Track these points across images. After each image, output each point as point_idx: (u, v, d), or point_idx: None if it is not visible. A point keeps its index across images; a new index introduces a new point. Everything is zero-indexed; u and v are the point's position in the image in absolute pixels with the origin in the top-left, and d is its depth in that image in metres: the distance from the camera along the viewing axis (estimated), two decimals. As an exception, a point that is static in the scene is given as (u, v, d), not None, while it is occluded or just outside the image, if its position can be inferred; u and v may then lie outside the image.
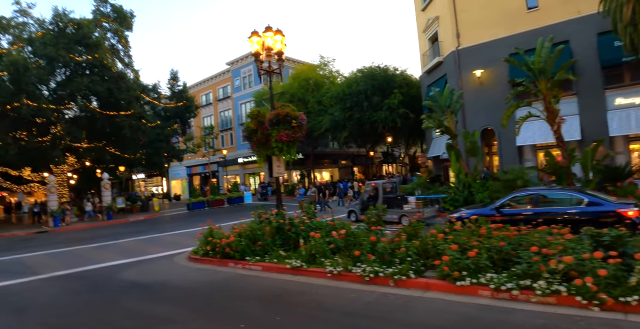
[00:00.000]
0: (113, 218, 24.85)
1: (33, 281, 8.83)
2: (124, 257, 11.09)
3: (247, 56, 38.80)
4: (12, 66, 20.40)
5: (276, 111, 9.73)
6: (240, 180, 39.78)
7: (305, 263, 7.88)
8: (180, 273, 8.71)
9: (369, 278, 6.91)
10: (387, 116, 25.48)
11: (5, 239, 19.75)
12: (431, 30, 24.97)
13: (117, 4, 27.46)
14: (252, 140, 10.43)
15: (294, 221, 9.25)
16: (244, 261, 8.79)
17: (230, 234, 9.62)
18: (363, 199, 16.61)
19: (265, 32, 10.36)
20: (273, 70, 10.58)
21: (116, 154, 25.90)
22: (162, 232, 16.29)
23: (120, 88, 24.23)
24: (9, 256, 12.93)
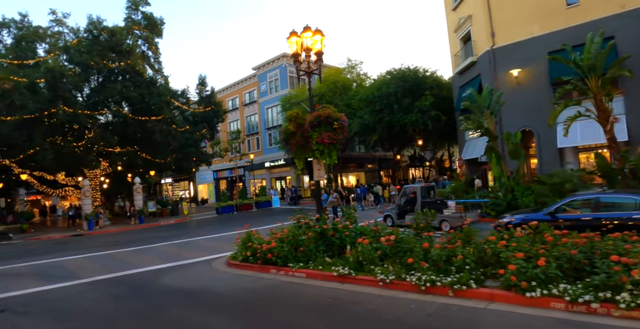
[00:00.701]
0: (144, 222, 25.10)
1: (75, 286, 8.76)
2: (162, 261, 10.97)
3: (273, 60, 38.90)
4: (49, 73, 20.88)
5: (317, 112, 9.44)
6: (266, 184, 39.77)
7: (353, 270, 7.52)
8: (222, 279, 8.48)
9: (425, 286, 6.49)
10: (417, 118, 24.91)
11: (43, 241, 20.13)
12: (463, 30, 24.34)
13: (148, 11, 27.94)
14: (290, 142, 10.17)
15: (337, 226, 8.91)
16: (287, 268, 8.50)
17: (271, 239, 9.35)
18: (399, 203, 16.13)
19: (304, 32, 10.11)
20: (312, 71, 10.30)
21: (147, 158, 26.18)
22: (195, 237, 16.21)
23: (151, 93, 24.54)
24: (48, 259, 13.04)
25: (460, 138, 25.66)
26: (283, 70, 37.99)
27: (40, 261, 12.78)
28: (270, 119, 39.66)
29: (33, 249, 16.46)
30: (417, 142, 29.17)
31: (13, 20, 28.69)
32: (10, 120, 21.62)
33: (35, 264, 12.40)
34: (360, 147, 42.30)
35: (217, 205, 28.00)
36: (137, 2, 27.62)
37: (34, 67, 25.26)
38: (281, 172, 39.53)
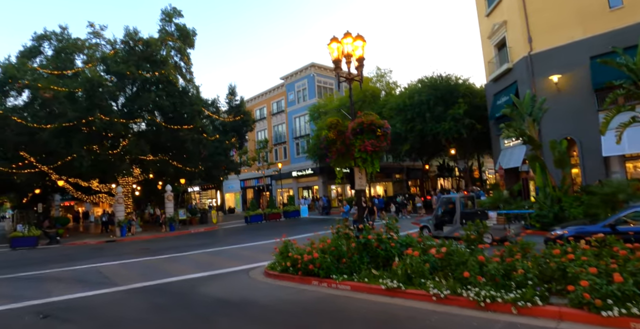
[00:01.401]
0: (175, 229, 25.26)
1: (115, 293, 8.68)
2: (198, 270, 10.83)
3: (302, 70, 39.06)
4: (88, 83, 21.45)
5: (360, 119, 9.16)
6: (293, 193, 39.64)
7: (402, 284, 7.14)
8: (263, 290, 8.23)
9: (484, 303, 6.06)
10: (450, 126, 24.30)
11: (78, 246, 20.45)
12: (497, 36, 23.75)
13: (181, 23, 28.54)
14: (330, 150, 9.89)
15: (382, 237, 8.55)
16: (329, 279, 8.18)
17: (311, 249, 9.06)
18: (437, 214, 15.63)
19: (344, 38, 9.91)
20: (352, 77, 10.06)
21: (178, 166, 26.47)
22: (227, 245, 16.09)
23: (183, 102, 24.90)
24: (85, 265, 13.12)
25: (495, 147, 24.88)
26: (311, 80, 38.07)
27: (78, 267, 12.87)
28: (298, 129, 39.70)
29: (70, 254, 16.68)
30: (449, 152, 28.47)
31: (54, 32, 29.78)
32: (50, 128, 22.27)
33: (74, 269, 12.48)
34: (388, 157, 41.74)
35: (246, 214, 27.97)
36: (171, 14, 28.29)
37: (72, 77, 26.09)
38: (308, 181, 39.38)
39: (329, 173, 36.65)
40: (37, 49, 29.27)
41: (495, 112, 23.63)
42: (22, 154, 23.73)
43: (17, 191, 30.67)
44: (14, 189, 29.83)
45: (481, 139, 27.07)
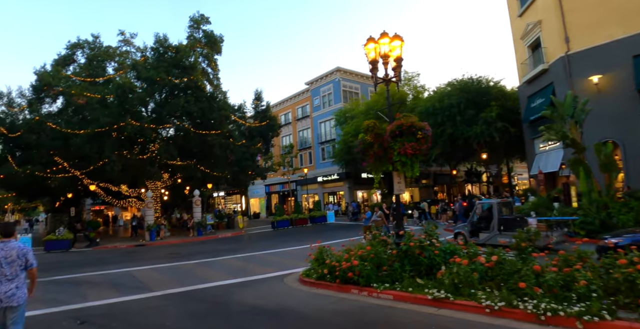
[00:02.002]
0: (203, 234, 25.35)
1: (150, 298, 8.56)
2: (231, 276, 10.65)
3: (327, 75, 38.94)
4: (119, 88, 21.84)
5: (399, 121, 8.82)
6: (319, 198, 39.38)
7: (450, 294, 6.74)
8: (301, 298, 7.95)
9: (545, 316, 5.62)
10: (482, 130, 23.63)
11: (109, 250, 20.71)
12: (531, 36, 23.01)
13: (209, 30, 28.89)
14: (367, 154, 9.58)
15: (424, 244, 8.16)
16: (370, 288, 7.84)
17: (349, 256, 8.74)
18: (472, 220, 15.07)
19: (381, 38, 9.63)
20: (390, 79, 9.75)
21: (205, 171, 26.61)
22: (257, 251, 15.90)
23: (211, 108, 25.08)
24: (118, 269, 13.15)
25: (529, 151, 24.02)
26: (337, 84, 37.89)
27: (111, 271, 12.91)
28: (323, 134, 39.53)
29: (102, 258, 16.85)
30: (480, 156, 27.70)
31: (86, 41, 30.67)
32: (83, 133, 22.76)
33: (107, 273, 12.52)
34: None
35: (273, 219, 27.85)
36: (199, 21, 28.69)
37: (103, 84, 26.71)
38: (334, 187, 39.07)
39: (354, 178, 36.29)
40: (70, 57, 30.18)
41: (529, 115, 22.84)
42: (56, 159, 24.32)
43: (51, 195, 31.45)
44: (48, 194, 30.59)
45: (513, 143, 26.24)
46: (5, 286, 4.32)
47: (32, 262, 4.59)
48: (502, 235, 13.50)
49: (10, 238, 4.56)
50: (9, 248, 4.45)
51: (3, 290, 4.30)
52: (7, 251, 4.43)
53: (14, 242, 4.57)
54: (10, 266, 4.40)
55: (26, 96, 27.61)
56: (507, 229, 13.57)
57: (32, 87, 26.71)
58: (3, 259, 4.39)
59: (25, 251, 4.55)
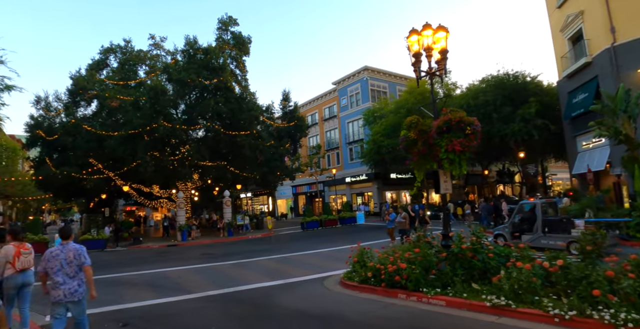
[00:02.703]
0: (233, 234, 25.34)
1: (189, 301, 8.35)
2: (268, 277, 10.37)
3: (354, 74, 38.50)
4: (152, 90, 22.07)
5: (447, 116, 8.33)
6: (346, 199, 38.92)
7: (511, 301, 6.22)
8: (345, 303, 7.57)
9: (625, 327, 5.05)
10: (520, 127, 22.66)
11: (143, 250, 20.90)
12: (572, 28, 21.94)
13: (237, 31, 28.94)
14: (411, 152, 9.13)
15: (477, 247, 7.65)
16: (419, 293, 7.38)
17: (395, 258, 8.31)
18: (514, 222, 14.39)
19: (424, 30, 9.17)
20: (434, 72, 9.27)
21: (235, 172, 26.62)
22: (291, 252, 15.62)
23: (241, 108, 25.05)
24: (154, 269, 13.12)
25: (571, 149, 22.89)
26: (364, 83, 37.39)
27: (147, 271, 12.88)
28: (351, 134, 39.06)
29: (137, 258, 16.95)
30: (517, 155, 26.63)
31: (119, 46, 31.35)
32: (116, 135, 23.12)
33: (143, 273, 12.49)
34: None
35: (302, 220, 27.60)
36: (227, 22, 28.77)
37: (135, 87, 27.15)
38: (362, 187, 38.54)
39: (383, 179, 35.67)
40: (104, 62, 30.91)
41: (570, 112, 21.79)
42: (91, 160, 24.83)
43: (86, 196, 32.21)
44: (83, 194, 31.33)
45: (552, 141, 25.09)
46: (67, 284, 4.76)
47: (87, 261, 5.00)
48: (547, 237, 12.84)
49: (68, 240, 5.02)
50: (68, 249, 4.90)
51: (66, 287, 4.74)
52: (67, 252, 4.88)
53: (71, 244, 5.00)
54: (70, 266, 4.84)
55: (62, 100, 28.39)
56: (551, 230, 12.91)
57: (68, 91, 27.43)
58: (64, 260, 4.84)
59: (81, 251, 4.98)
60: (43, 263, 4.87)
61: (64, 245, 4.95)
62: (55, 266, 4.81)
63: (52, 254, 4.88)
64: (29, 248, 6.19)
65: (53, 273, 4.79)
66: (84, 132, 24.54)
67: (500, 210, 22.06)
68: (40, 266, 4.88)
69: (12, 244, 6.01)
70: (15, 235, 6.18)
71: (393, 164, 31.32)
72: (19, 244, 6.04)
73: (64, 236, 5.05)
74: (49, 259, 4.85)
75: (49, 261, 4.84)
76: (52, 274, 4.80)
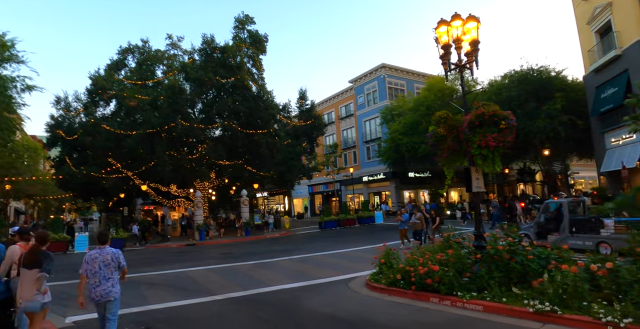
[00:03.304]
0: (250, 234, 25.18)
1: (213, 303, 8.10)
2: (291, 279, 10.09)
3: (371, 72, 38.01)
4: (170, 89, 22.03)
5: (480, 110, 7.90)
6: (364, 198, 38.46)
7: (556, 306, 5.79)
8: (375, 306, 7.22)
9: (691, 339, 4.60)
10: (545, 124, 21.92)
11: (162, 249, 20.87)
12: (599, 20, 21.13)
13: (253, 29, 28.75)
14: (441, 148, 8.73)
15: (515, 248, 7.21)
16: (453, 297, 6.99)
17: (424, 259, 7.94)
18: (539, 221, 13.86)
19: (453, 21, 8.74)
20: (464, 65, 8.85)
21: (252, 171, 26.47)
22: (311, 252, 15.32)
23: (258, 107, 24.89)
24: (175, 269, 12.97)
25: (599, 146, 22.05)
26: (381, 81, 36.88)
27: (168, 271, 12.73)
28: (368, 132, 38.57)
29: (156, 258, 16.85)
30: (541, 152, 25.83)
31: (137, 46, 31.49)
32: (135, 134, 23.17)
33: (164, 273, 12.35)
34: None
35: (320, 219, 27.30)
36: (244, 21, 28.61)
37: (153, 87, 27.22)
38: (379, 186, 38.05)
39: (401, 178, 35.12)
40: (122, 62, 31.09)
41: (599, 107, 21.00)
42: (110, 160, 24.95)
43: (105, 195, 32.50)
44: (102, 194, 31.61)
45: (576, 138, 24.21)
46: (103, 285, 5.16)
47: (123, 263, 5.44)
48: (574, 237, 12.32)
49: (105, 245, 5.38)
50: (105, 253, 5.28)
51: (102, 288, 5.15)
52: (104, 255, 5.26)
53: (108, 248, 5.37)
54: (107, 268, 5.23)
55: (81, 100, 28.64)
56: (579, 230, 12.44)
57: (87, 91, 27.64)
58: (101, 262, 5.22)
59: (118, 255, 5.37)
60: (84, 265, 5.22)
61: (101, 249, 5.32)
62: (93, 268, 5.19)
63: (92, 257, 5.25)
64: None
65: (92, 274, 5.17)
66: (102, 131, 24.68)
67: (514, 210, 21.64)
68: (82, 268, 5.21)
69: (19, 244, 6.02)
70: (22, 235, 6.26)
71: (412, 163, 30.79)
72: (24, 244, 6.02)
73: (102, 241, 5.40)
74: (88, 262, 5.22)
75: (89, 263, 5.21)
76: (90, 275, 5.17)
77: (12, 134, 18.01)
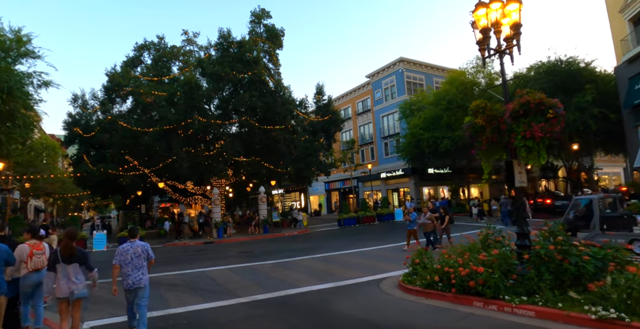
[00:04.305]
0: (268, 231, 24.81)
1: (238, 306, 7.65)
2: (317, 279, 9.60)
3: (389, 66, 37.25)
4: (186, 85, 21.70)
5: (524, 98, 7.28)
6: (381, 195, 37.80)
7: (623, 313, 5.17)
8: (415, 312, 6.67)
9: None
10: (575, 117, 20.98)
11: (179, 247, 20.59)
12: (633, 8, 20.07)
13: (269, 23, 28.28)
14: (479, 140, 8.11)
15: (567, 248, 6.58)
16: (499, 301, 6.40)
17: (464, 260, 7.36)
18: (567, 218, 13.12)
19: (492, 3, 8.10)
20: (503, 50, 8.20)
21: (269, 167, 26.06)
22: (333, 251, 14.80)
23: (275, 102, 24.43)
24: (194, 269, 12.59)
25: (631, 140, 21.00)
26: (400, 75, 36.08)
27: (187, 270, 12.35)
28: (386, 128, 37.83)
29: (175, 256, 16.52)
30: (570, 148, 24.84)
31: (152, 42, 31.31)
32: (151, 131, 22.95)
33: (183, 273, 11.95)
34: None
35: (339, 217, 26.78)
36: (260, 15, 28.14)
37: (169, 83, 26.97)
38: (398, 183, 37.32)
39: (421, 174, 34.37)
40: (138, 59, 30.96)
41: (633, 99, 19.98)
42: (127, 157, 24.80)
43: (122, 193, 32.50)
44: (119, 191, 31.60)
45: (611, 131, 23.13)
46: (135, 274, 5.90)
47: (152, 255, 6.22)
48: (605, 235, 11.61)
49: (135, 239, 6.16)
50: (136, 246, 6.05)
51: (135, 276, 5.89)
52: (135, 247, 6.03)
53: (138, 241, 6.15)
54: (138, 259, 5.98)
55: (98, 98, 28.59)
56: (611, 228, 11.78)
57: (104, 88, 27.57)
58: (133, 254, 5.96)
59: (147, 247, 6.15)
60: (117, 256, 5.93)
61: (132, 242, 6.08)
62: (126, 259, 5.92)
63: (124, 249, 5.98)
64: (43, 248, 6.37)
65: (125, 264, 5.90)
66: (119, 128, 24.55)
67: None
68: (115, 259, 5.91)
69: (28, 243, 6.19)
70: (34, 233, 6.45)
71: (432, 159, 30.01)
72: (34, 243, 6.24)
73: (132, 235, 6.19)
74: (121, 254, 5.95)
75: (121, 255, 5.94)
76: (123, 265, 5.90)
77: (30, 132, 17.82)
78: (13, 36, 15.76)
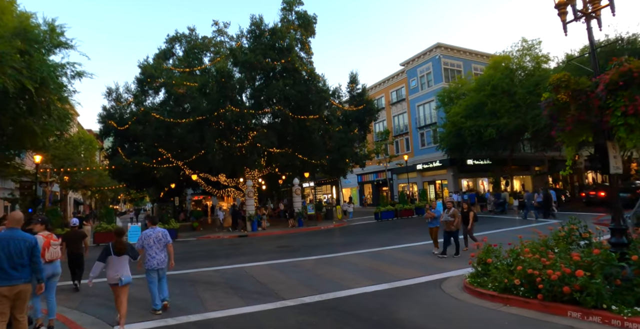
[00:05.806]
0: (303, 224, 24.07)
1: (285, 310, 6.77)
2: (369, 279, 8.66)
3: (425, 53, 35.58)
4: (219, 74, 21.08)
5: (624, 67, 6.01)
6: (417, 188, 36.41)
7: None
8: (498, 324, 5.60)
9: None
10: (636, 101, 19.00)
11: (214, 241, 20.12)
12: None
13: (301, 10, 27.29)
14: (563, 119, 6.91)
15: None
16: (603, 311, 5.27)
17: (550, 261, 6.23)
18: (638, 212, 11.60)
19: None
20: (589, 13, 6.93)
21: (303, 159, 25.24)
22: (378, 246, 13.81)
23: (309, 91, 23.53)
24: (231, 264, 11.87)
25: None
26: (436, 62, 34.37)
27: (223, 266, 11.62)
28: (422, 118, 36.25)
29: (210, 250, 15.95)
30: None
31: (184, 34, 31.03)
32: (184, 122, 22.53)
33: (220, 269, 11.24)
34: (525, 146, 36.05)
35: (377, 210, 25.69)
36: (292, 2, 27.17)
37: (201, 74, 26.52)
38: (434, 175, 35.79)
39: (459, 165, 32.74)
40: (170, 50, 30.78)
41: None
42: (160, 150, 24.55)
43: (156, 186, 32.55)
44: (153, 184, 31.64)
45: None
46: (158, 256, 6.88)
47: (169, 239, 7.14)
48: None
49: (155, 225, 7.16)
50: (157, 231, 7.01)
51: (158, 258, 6.87)
52: (156, 233, 6.98)
53: (158, 228, 7.14)
54: (159, 243, 6.93)
55: (131, 91, 28.50)
56: None
57: (137, 80, 27.43)
58: (154, 239, 6.91)
59: (166, 233, 7.13)
60: (140, 241, 6.88)
61: (153, 228, 7.08)
62: (149, 243, 6.87)
63: (147, 234, 6.95)
64: (58, 239, 6.63)
65: (149, 247, 6.86)
66: (153, 120, 24.29)
67: (550, 200, 19.58)
68: (138, 243, 6.87)
69: (41, 234, 6.23)
70: (47, 225, 6.59)
71: (474, 149, 28.40)
72: (48, 234, 6.37)
73: (153, 222, 7.22)
74: (144, 238, 6.89)
75: (145, 239, 6.88)
76: (147, 248, 6.85)
77: (65, 125, 17.64)
78: (47, 28, 15.47)
